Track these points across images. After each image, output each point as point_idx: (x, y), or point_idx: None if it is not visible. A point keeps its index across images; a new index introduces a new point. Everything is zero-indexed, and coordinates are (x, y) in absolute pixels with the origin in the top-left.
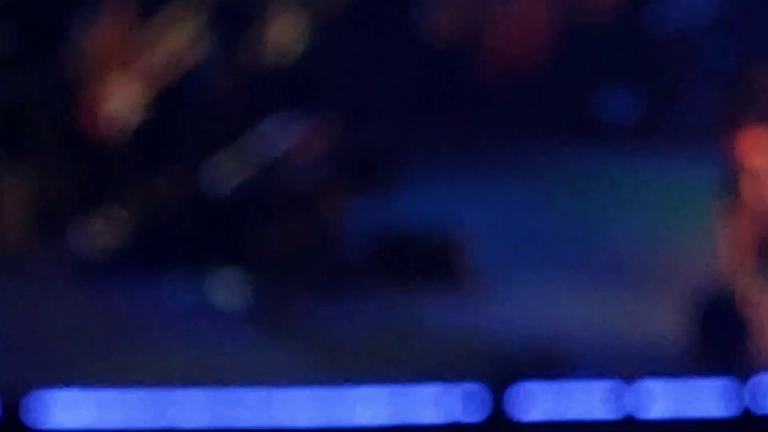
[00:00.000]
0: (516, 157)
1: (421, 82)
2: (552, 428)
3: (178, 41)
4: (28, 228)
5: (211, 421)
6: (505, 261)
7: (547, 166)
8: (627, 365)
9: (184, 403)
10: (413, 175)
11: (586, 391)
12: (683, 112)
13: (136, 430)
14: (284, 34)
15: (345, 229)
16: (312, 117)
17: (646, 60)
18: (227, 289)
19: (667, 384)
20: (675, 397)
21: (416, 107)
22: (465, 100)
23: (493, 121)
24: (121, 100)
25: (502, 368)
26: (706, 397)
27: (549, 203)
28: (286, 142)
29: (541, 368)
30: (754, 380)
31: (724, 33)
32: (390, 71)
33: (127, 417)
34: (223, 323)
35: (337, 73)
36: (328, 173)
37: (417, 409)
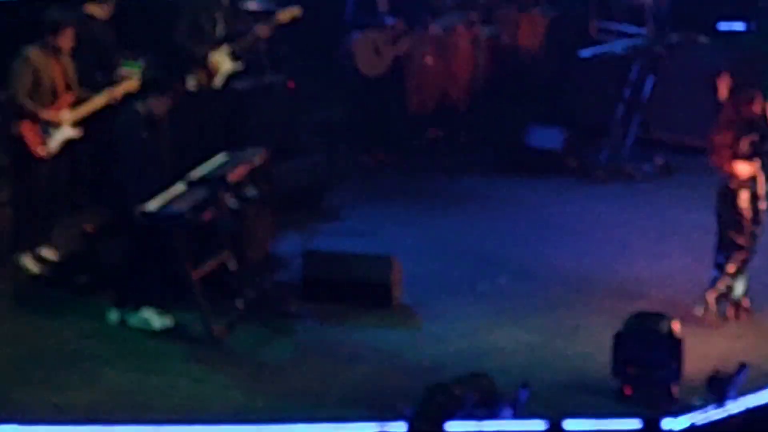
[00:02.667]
0: (446, 186)
1: (351, 113)
2: None
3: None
4: None
5: None
6: (433, 290)
7: (479, 195)
8: (556, 402)
9: None
10: (344, 205)
11: (516, 428)
12: (611, 140)
13: None
14: (217, 71)
15: (275, 256)
16: (246, 147)
17: (575, 93)
18: (156, 319)
19: (593, 423)
20: None
21: (347, 137)
22: (396, 131)
23: (423, 152)
24: (59, 128)
25: (429, 406)
26: None
27: (482, 232)
28: (219, 174)
29: (470, 404)
30: (671, 420)
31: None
32: (321, 104)
33: None
34: (153, 353)
35: (268, 105)
36: (259, 202)
37: None
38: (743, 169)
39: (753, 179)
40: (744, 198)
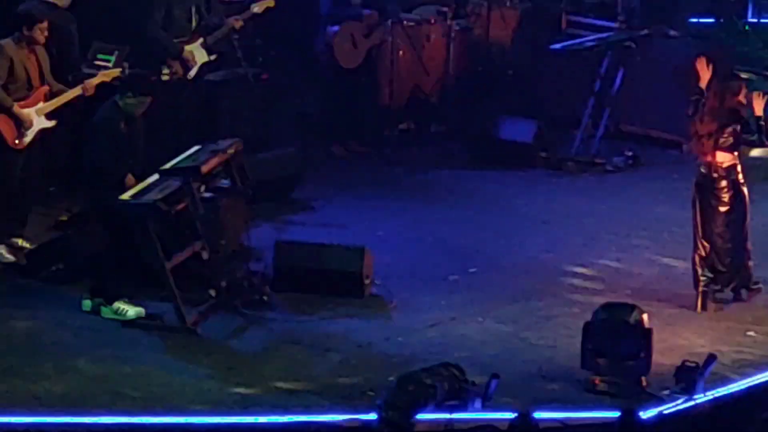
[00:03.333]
0: (418, 178)
1: (324, 104)
2: None
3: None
4: None
5: None
6: (405, 281)
7: (451, 187)
8: (525, 393)
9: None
10: (316, 196)
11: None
12: (581, 133)
13: None
14: (191, 60)
15: (248, 247)
16: (219, 139)
17: (546, 86)
18: (130, 308)
19: (563, 414)
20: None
21: (320, 129)
22: (369, 123)
23: (395, 144)
24: (34, 120)
25: (400, 396)
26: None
27: (453, 223)
28: (193, 165)
29: (441, 394)
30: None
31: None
32: (294, 95)
33: None
34: (126, 343)
35: (242, 96)
36: (232, 193)
37: None
38: (724, 158)
39: (733, 168)
40: (723, 187)
